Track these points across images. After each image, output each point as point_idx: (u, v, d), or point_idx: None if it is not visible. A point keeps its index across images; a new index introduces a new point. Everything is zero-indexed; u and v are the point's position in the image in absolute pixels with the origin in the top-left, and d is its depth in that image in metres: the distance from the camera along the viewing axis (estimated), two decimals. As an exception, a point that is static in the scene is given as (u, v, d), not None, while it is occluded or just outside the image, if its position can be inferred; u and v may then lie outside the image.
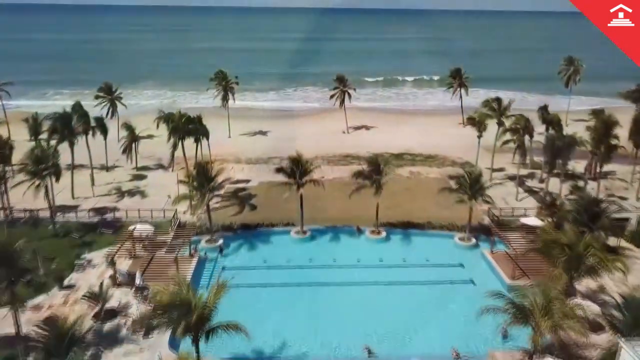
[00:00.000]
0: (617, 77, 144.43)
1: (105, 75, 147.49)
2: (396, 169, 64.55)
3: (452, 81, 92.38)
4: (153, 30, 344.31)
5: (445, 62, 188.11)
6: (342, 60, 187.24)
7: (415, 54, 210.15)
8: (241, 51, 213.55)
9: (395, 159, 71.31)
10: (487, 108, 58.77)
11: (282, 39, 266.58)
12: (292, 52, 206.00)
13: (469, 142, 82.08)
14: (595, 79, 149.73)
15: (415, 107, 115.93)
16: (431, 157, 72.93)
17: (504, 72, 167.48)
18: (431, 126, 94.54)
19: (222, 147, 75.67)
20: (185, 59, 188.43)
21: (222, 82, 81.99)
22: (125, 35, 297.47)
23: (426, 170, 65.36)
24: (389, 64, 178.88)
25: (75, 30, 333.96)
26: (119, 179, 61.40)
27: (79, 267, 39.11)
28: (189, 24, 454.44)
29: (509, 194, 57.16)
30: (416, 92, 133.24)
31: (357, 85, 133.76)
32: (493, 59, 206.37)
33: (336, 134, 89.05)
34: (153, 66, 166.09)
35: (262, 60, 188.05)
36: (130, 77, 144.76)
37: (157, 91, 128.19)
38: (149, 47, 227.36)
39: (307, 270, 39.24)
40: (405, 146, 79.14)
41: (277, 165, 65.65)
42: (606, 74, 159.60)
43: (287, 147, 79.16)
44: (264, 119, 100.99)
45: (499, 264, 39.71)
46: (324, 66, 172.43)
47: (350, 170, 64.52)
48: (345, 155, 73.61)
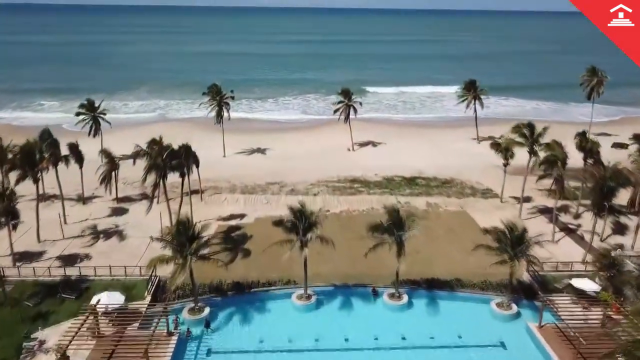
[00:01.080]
0: (633, 83, 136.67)
1: (97, 82, 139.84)
2: (410, 200, 56.76)
3: (466, 94, 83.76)
4: (150, 31, 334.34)
5: (452, 67, 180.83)
6: (346, 65, 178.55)
7: (421, 58, 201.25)
8: (241, 55, 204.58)
9: (407, 185, 63.24)
10: (518, 134, 50.20)
11: (283, 42, 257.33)
12: (293, 56, 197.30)
13: (486, 162, 73.73)
14: (609, 85, 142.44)
15: (424, 119, 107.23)
16: (447, 182, 64.37)
17: (514, 77, 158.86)
18: (443, 141, 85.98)
19: (215, 170, 67.20)
20: (182, 63, 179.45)
21: (215, 97, 73.34)
22: (121, 37, 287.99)
23: (445, 201, 56.77)
24: (394, 69, 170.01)
25: (66, 31, 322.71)
26: (96, 213, 52.88)
27: (27, 352, 30.74)
28: (187, 25, 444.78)
29: (543, 233, 48.66)
30: (424, 100, 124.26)
31: (361, 94, 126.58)
32: (501, 62, 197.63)
33: (340, 151, 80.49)
34: (148, 71, 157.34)
35: (262, 65, 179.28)
36: (124, 84, 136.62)
37: (150, 101, 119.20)
38: (145, 50, 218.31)
39: (313, 354, 30.91)
40: (417, 167, 70.67)
41: (275, 190, 58.58)
42: (619, 79, 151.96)
43: (287, 169, 70.93)
44: (263, 133, 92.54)
45: (552, 346, 31.30)
46: (326, 72, 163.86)
47: (358, 201, 56.33)
48: (352, 179, 64.93)
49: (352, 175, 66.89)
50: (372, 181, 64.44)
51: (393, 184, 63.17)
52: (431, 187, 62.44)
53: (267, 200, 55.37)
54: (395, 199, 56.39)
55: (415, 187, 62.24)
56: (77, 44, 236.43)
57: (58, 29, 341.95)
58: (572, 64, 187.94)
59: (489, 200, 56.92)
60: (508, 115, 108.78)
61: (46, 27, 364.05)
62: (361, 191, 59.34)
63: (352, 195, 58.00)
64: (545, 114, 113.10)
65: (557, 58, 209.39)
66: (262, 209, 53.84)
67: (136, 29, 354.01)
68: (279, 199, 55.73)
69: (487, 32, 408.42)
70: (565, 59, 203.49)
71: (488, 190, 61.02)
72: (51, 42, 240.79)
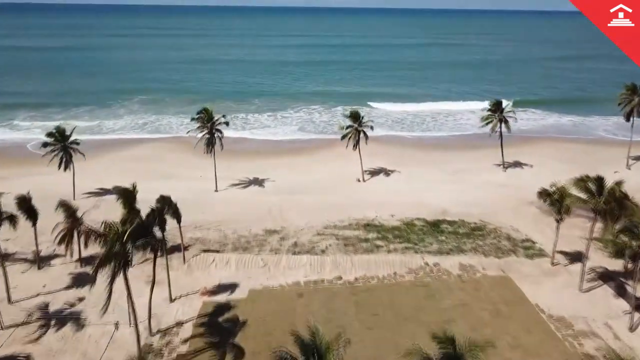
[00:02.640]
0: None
1: (85, 93, 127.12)
2: (440, 260, 45.54)
3: (491, 116, 72.47)
4: (144, 34, 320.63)
5: (463, 76, 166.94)
6: (350, 74, 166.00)
7: (430, 66, 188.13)
8: (241, 62, 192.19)
9: (431, 232, 52.05)
10: (579, 188, 38.95)
11: (282, 46, 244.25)
12: (293, 64, 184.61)
13: (517, 197, 62.81)
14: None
15: (438, 137, 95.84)
16: (478, 229, 53.11)
17: (530, 86, 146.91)
18: (463, 169, 74.76)
19: (205, 211, 56.23)
20: (177, 70, 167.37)
21: (206, 124, 62.00)
22: (112, 40, 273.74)
23: (481, 261, 45.38)
24: (402, 79, 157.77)
25: (55, 34, 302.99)
26: (52, 283, 41.58)
27: None
28: (185, 26, 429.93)
29: (611, 316, 37.58)
30: (436, 114, 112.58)
31: (367, 108, 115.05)
32: (513, 68, 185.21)
33: (349, 182, 69.27)
34: (141, 80, 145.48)
35: (260, 72, 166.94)
36: (114, 94, 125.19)
37: (140, 115, 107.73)
38: (138, 55, 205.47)
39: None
40: (439, 205, 59.47)
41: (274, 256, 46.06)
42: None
43: (288, 208, 59.65)
44: (260, 156, 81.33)
45: None
46: (329, 81, 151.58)
47: (377, 263, 44.91)
48: (366, 224, 53.59)
49: (366, 217, 55.64)
50: (390, 226, 53.21)
51: (414, 232, 51.97)
52: (460, 235, 51.20)
53: (264, 262, 44.13)
54: (422, 259, 45.27)
55: (441, 235, 51.02)
56: (63, 49, 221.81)
57: (42, 32, 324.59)
58: (591, 71, 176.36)
59: (535, 261, 45.58)
60: (529, 132, 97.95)
61: (29, 29, 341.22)
62: (379, 246, 47.92)
63: (368, 253, 46.59)
64: (567, 130, 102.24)
65: (572, 65, 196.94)
66: (257, 276, 42.53)
67: (129, 31, 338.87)
68: (279, 262, 44.44)
69: (497, 34, 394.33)
70: (582, 66, 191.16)
71: (529, 242, 49.75)
72: (38, 48, 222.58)
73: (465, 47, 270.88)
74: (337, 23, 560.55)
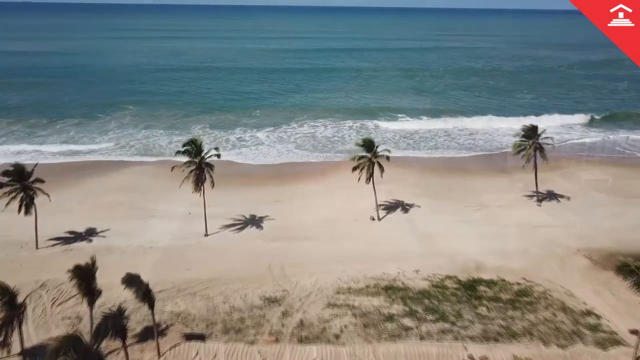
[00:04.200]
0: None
1: (73, 104, 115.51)
2: (488, 351, 34.87)
3: (525, 143, 61.75)
4: (142, 36, 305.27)
5: (477, 85, 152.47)
6: (355, 83, 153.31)
7: (441, 75, 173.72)
8: (239, 69, 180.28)
9: (467, 297, 41.61)
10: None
11: (284, 53, 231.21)
12: (295, 72, 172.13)
13: (558, 242, 52.51)
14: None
15: (459, 160, 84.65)
16: (523, 292, 42.62)
17: (554, 96, 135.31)
18: (491, 201, 63.96)
19: (190, 270, 45.84)
20: (175, 78, 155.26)
21: (194, 158, 51.23)
22: (107, 43, 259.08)
23: (541, 352, 34.75)
24: (411, 90, 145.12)
25: (39, 37, 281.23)
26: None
27: None
28: (185, 27, 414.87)
29: None
30: (451, 132, 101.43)
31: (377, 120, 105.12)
32: (526, 76, 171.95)
33: (362, 221, 58.50)
34: (133, 90, 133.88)
35: (260, 81, 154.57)
36: (105, 105, 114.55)
37: (129, 131, 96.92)
38: (135, 60, 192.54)
39: None
40: (470, 256, 49.08)
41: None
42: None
43: (290, 261, 48.80)
44: (258, 184, 70.58)
45: None
46: (336, 91, 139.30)
47: (407, 355, 34.26)
48: (386, 286, 43.01)
49: (385, 275, 45.14)
50: (417, 289, 42.71)
51: (447, 298, 41.49)
52: (504, 304, 40.73)
53: (263, 358, 33.46)
54: (464, 349, 34.70)
55: (480, 305, 40.54)
56: (54, 53, 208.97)
57: (30, 33, 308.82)
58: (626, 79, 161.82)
59: (609, 353, 34.93)
60: (560, 151, 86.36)
61: (10, 31, 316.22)
62: (408, 328, 37.18)
63: (395, 340, 35.86)
64: (607, 149, 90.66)
65: (602, 71, 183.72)
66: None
67: (120, 34, 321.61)
68: (281, 356, 33.80)
69: (508, 35, 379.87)
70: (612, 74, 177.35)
71: (593, 317, 39.08)
72: (18, 51, 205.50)
73: (478, 50, 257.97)
74: (338, 22, 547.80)
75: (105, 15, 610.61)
